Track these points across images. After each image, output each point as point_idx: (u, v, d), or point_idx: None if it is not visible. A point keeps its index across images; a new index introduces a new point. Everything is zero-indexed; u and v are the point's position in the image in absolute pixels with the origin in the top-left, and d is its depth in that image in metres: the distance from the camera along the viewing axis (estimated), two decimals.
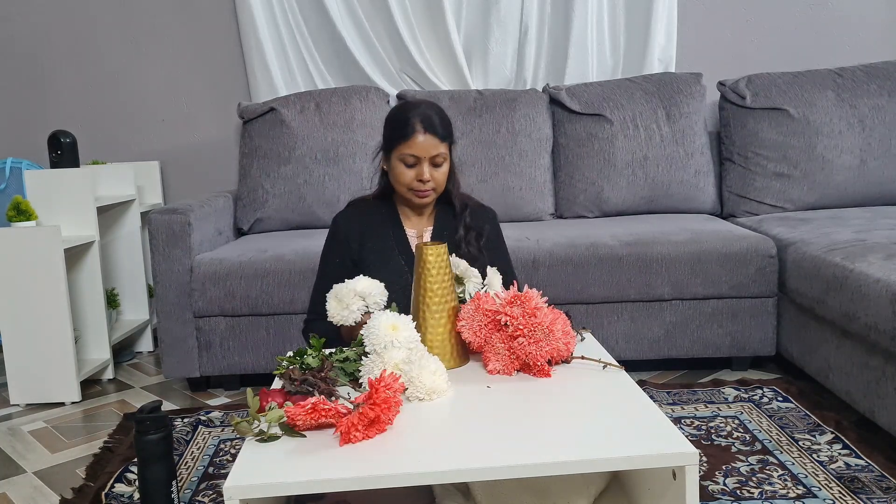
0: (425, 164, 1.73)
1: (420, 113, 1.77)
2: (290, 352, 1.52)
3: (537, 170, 2.84)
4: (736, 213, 2.87)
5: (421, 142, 1.72)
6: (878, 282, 1.74)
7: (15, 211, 2.37)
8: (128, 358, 2.92)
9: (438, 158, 1.74)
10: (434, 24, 3.09)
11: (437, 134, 1.73)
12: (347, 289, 1.55)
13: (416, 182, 1.75)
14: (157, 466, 1.46)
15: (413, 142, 1.72)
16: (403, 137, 1.74)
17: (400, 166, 1.76)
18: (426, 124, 1.73)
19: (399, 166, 1.76)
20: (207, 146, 3.26)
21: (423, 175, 1.73)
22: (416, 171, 1.74)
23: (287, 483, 1.04)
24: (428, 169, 1.73)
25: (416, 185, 1.75)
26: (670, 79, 2.92)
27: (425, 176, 1.73)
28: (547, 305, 1.45)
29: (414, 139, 1.72)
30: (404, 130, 1.74)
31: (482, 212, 1.90)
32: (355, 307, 1.54)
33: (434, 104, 1.83)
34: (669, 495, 1.14)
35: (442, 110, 1.81)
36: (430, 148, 1.72)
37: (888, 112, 2.76)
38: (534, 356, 1.39)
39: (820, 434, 1.88)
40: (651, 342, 2.37)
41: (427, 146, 1.72)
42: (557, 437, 1.14)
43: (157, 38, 3.20)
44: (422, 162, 1.73)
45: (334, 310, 1.56)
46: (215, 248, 2.54)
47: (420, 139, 1.72)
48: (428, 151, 1.72)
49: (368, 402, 1.15)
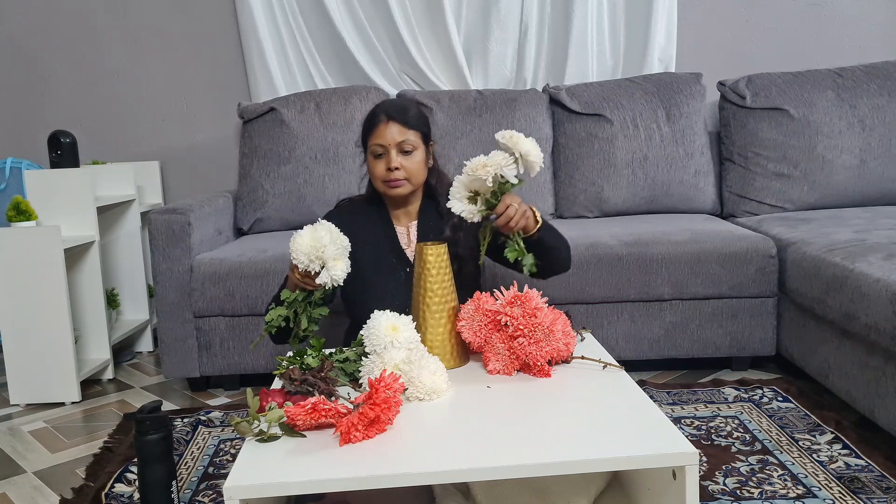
0: (392, 151, 1.75)
1: (386, 104, 1.82)
2: (290, 352, 1.52)
3: None
4: (736, 213, 2.87)
5: (385, 129, 1.75)
6: (878, 282, 1.74)
7: (15, 211, 2.37)
8: (128, 358, 2.92)
9: (406, 145, 1.75)
10: (434, 24, 3.09)
11: (401, 121, 1.75)
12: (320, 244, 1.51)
13: (385, 173, 1.76)
14: (157, 466, 1.46)
15: (377, 131, 1.76)
16: (370, 129, 1.78)
17: (371, 161, 1.79)
18: (390, 113, 1.76)
19: (371, 161, 1.79)
20: (207, 146, 3.26)
21: (391, 162, 1.74)
22: (384, 160, 1.76)
23: (287, 483, 1.04)
24: (396, 157, 1.75)
25: (387, 175, 1.76)
26: (670, 79, 2.92)
27: (392, 163, 1.74)
28: (547, 306, 1.45)
29: (378, 128, 1.76)
30: (371, 122, 1.79)
31: None
32: (317, 265, 1.52)
33: (408, 100, 1.85)
34: (669, 495, 1.14)
35: (414, 104, 1.84)
36: (396, 134, 1.74)
37: (888, 112, 2.76)
38: (534, 356, 1.39)
39: (820, 434, 1.88)
40: (651, 342, 2.37)
41: (392, 133, 1.74)
42: (557, 437, 1.14)
43: (157, 38, 3.20)
44: (389, 150, 1.75)
45: (304, 247, 1.52)
46: (215, 248, 2.54)
47: (384, 127, 1.75)
48: (393, 138, 1.74)
49: (368, 402, 1.15)
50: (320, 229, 1.52)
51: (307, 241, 1.50)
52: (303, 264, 1.51)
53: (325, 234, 1.50)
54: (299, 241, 1.51)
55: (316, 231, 1.51)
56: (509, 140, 1.54)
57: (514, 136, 1.54)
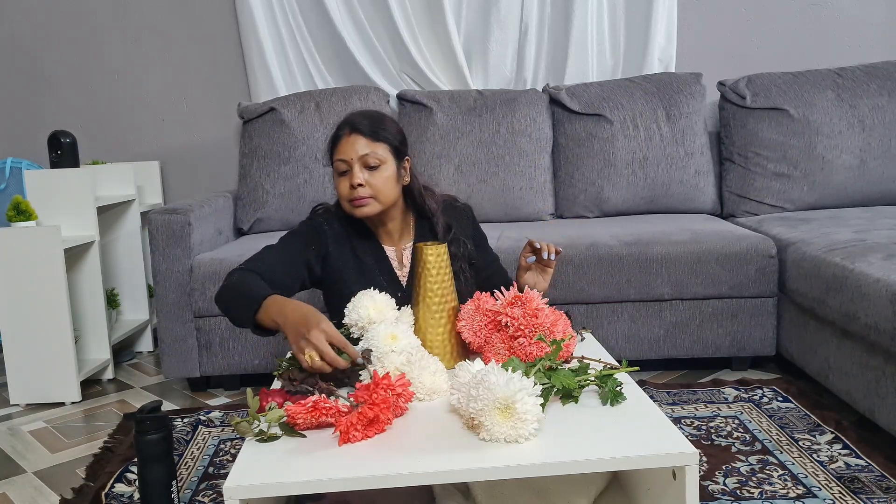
0: (356, 166, 1.60)
1: (352, 114, 1.67)
2: (290, 352, 1.52)
3: (537, 170, 2.84)
4: (736, 213, 2.87)
5: (347, 143, 1.61)
6: (878, 282, 1.74)
7: (15, 211, 2.37)
8: (128, 358, 2.92)
9: (370, 159, 1.60)
10: (434, 24, 3.09)
11: (364, 133, 1.61)
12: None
13: (349, 192, 1.61)
14: (157, 466, 1.46)
15: (340, 145, 1.62)
16: (333, 144, 1.64)
17: (336, 178, 1.64)
18: (354, 124, 1.62)
19: (336, 180, 1.64)
20: (207, 146, 3.26)
21: (354, 179, 1.59)
22: (348, 177, 1.61)
23: (287, 483, 1.04)
24: (360, 172, 1.59)
25: (350, 194, 1.60)
26: (670, 79, 2.92)
27: (355, 179, 1.58)
28: (548, 307, 1.45)
29: (341, 142, 1.62)
30: (335, 136, 1.65)
31: (460, 216, 1.79)
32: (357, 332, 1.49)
33: (374, 111, 1.72)
34: (669, 495, 1.14)
35: (389, 117, 1.70)
36: (360, 147, 1.60)
37: (888, 112, 2.76)
38: (534, 356, 1.39)
39: (820, 434, 1.88)
40: (651, 342, 2.37)
41: (353, 146, 1.60)
42: (557, 437, 1.14)
43: (157, 38, 3.20)
44: (352, 164, 1.60)
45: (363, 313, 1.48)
46: (215, 248, 2.54)
47: (346, 140, 1.61)
48: (355, 151, 1.59)
49: (367, 402, 1.15)
50: (380, 299, 1.50)
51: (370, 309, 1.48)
52: (353, 325, 1.47)
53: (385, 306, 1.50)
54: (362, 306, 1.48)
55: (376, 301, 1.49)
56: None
57: None
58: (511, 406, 1.10)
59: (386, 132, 1.64)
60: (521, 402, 1.10)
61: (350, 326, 1.51)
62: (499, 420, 1.11)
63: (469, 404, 1.14)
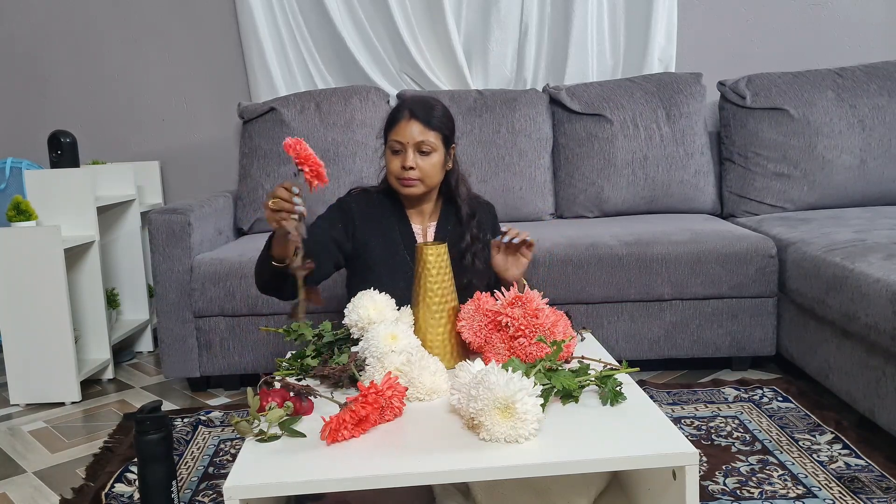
0: (410, 149, 1.72)
1: (412, 100, 1.78)
2: (290, 352, 1.52)
3: (537, 170, 2.84)
4: (736, 213, 2.87)
5: (405, 127, 1.72)
6: (878, 282, 1.74)
7: (15, 211, 2.37)
8: (128, 358, 2.92)
9: (424, 146, 1.72)
10: (434, 24, 3.09)
11: (422, 121, 1.72)
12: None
13: (400, 170, 1.73)
14: (157, 466, 1.46)
15: (398, 127, 1.73)
16: (392, 123, 1.75)
17: (389, 156, 1.76)
18: (413, 111, 1.74)
19: (388, 157, 1.76)
20: (207, 146, 3.26)
21: (406, 161, 1.71)
22: (400, 158, 1.73)
23: (287, 483, 1.04)
24: (413, 156, 1.72)
25: (401, 173, 1.73)
26: (670, 79, 2.92)
27: (408, 162, 1.71)
28: (549, 307, 1.45)
29: (399, 125, 1.73)
30: (393, 117, 1.76)
31: (483, 210, 1.90)
32: None
33: (436, 100, 1.82)
34: (669, 495, 1.14)
35: (441, 105, 1.80)
36: (416, 133, 1.71)
37: (888, 112, 2.76)
38: (534, 357, 1.39)
39: (820, 434, 1.88)
40: (651, 342, 2.37)
41: (411, 131, 1.71)
42: (557, 437, 1.14)
43: (157, 38, 3.20)
44: (406, 148, 1.72)
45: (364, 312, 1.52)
46: (215, 248, 2.54)
47: (405, 124, 1.72)
48: (413, 137, 1.71)
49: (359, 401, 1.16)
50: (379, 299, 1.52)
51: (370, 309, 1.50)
52: (353, 326, 1.51)
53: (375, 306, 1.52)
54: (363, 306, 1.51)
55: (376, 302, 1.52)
56: None
57: None
58: (511, 406, 1.10)
59: (439, 121, 1.75)
60: (521, 402, 1.10)
61: (350, 327, 1.51)
62: (499, 420, 1.11)
63: (469, 404, 1.14)
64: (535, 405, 1.12)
